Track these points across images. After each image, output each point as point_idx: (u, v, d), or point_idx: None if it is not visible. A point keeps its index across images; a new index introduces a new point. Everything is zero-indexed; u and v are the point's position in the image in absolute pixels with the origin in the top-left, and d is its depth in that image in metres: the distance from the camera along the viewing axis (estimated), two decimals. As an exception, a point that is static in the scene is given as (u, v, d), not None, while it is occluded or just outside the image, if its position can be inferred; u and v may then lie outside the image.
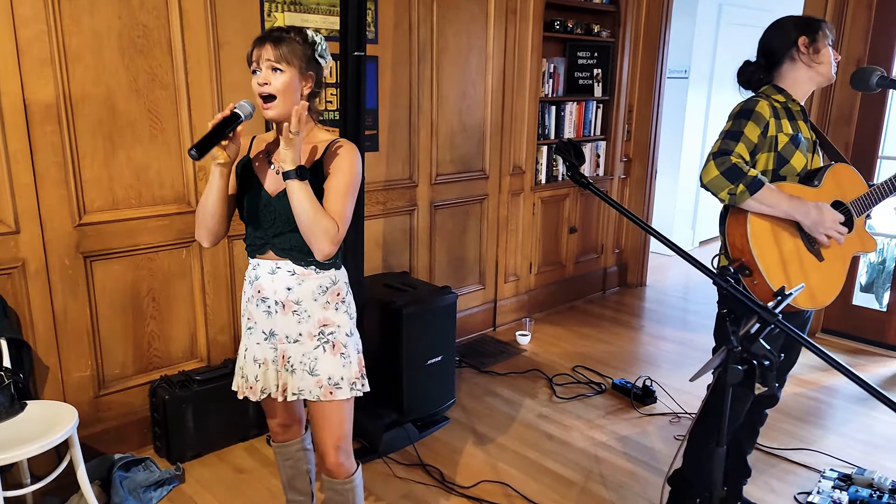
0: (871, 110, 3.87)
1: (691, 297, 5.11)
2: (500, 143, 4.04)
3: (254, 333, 1.86)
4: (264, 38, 1.66)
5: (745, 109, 1.96)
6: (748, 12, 6.32)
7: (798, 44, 1.98)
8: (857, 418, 3.22)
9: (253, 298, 1.83)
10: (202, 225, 1.76)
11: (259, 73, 1.66)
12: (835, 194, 2.00)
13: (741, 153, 1.91)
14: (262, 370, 1.86)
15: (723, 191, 1.88)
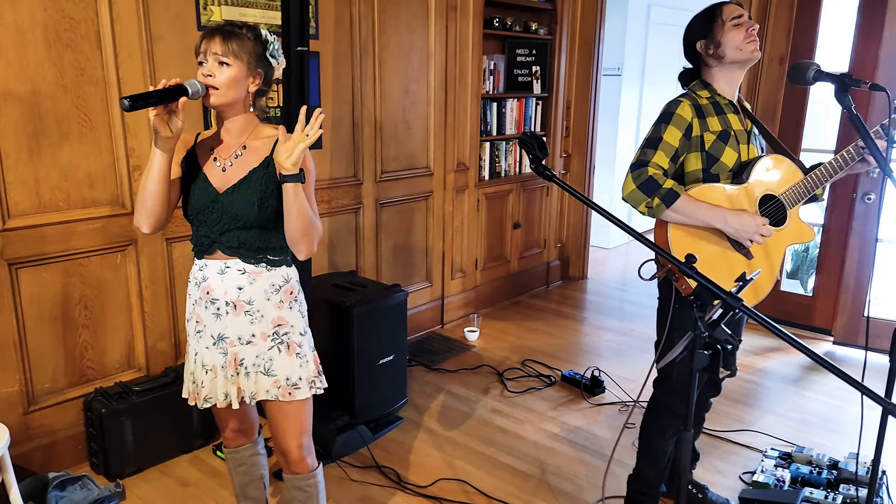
0: (794, 105, 4.07)
1: (629, 288, 5.25)
2: (443, 139, 4.03)
3: (202, 337, 1.79)
4: (215, 31, 1.63)
5: (666, 112, 2.00)
6: (674, 12, 6.55)
7: (698, 49, 2.03)
8: (791, 398, 3.38)
9: (201, 301, 1.76)
10: (142, 207, 1.67)
11: (205, 65, 1.63)
12: (766, 187, 2.03)
13: (659, 162, 1.94)
14: (210, 377, 1.79)
15: (640, 204, 1.92)
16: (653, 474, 2.28)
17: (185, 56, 2.75)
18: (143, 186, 1.65)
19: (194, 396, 1.83)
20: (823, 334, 4.19)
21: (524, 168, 4.76)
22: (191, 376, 1.84)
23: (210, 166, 1.74)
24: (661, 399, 2.22)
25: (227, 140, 1.74)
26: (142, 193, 1.65)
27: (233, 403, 1.78)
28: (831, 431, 3.06)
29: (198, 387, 1.81)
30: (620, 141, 6.34)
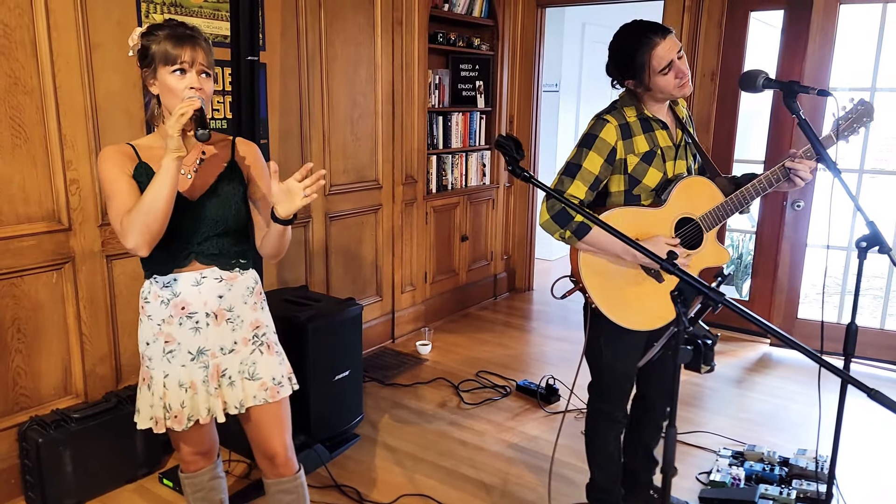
0: (726, 119, 4.27)
1: (573, 298, 5.30)
2: (391, 152, 4.01)
3: (176, 356, 1.70)
4: (191, 38, 1.58)
5: (590, 135, 1.95)
6: (608, 31, 6.75)
7: (626, 85, 1.98)
8: (737, 399, 3.50)
9: (173, 318, 1.68)
10: (148, 231, 1.53)
11: (188, 75, 1.57)
12: (684, 209, 2.00)
13: (574, 192, 1.93)
14: (190, 395, 1.71)
15: (555, 233, 1.94)
16: (604, 478, 2.30)
17: (126, 65, 2.64)
18: (151, 208, 1.52)
19: (163, 423, 1.72)
20: (760, 337, 4.37)
21: (470, 181, 4.79)
22: (160, 401, 1.72)
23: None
24: (595, 404, 2.25)
25: (187, 146, 1.66)
26: (148, 216, 1.52)
27: (218, 417, 1.73)
28: (776, 429, 3.17)
29: (169, 410, 1.71)
30: (560, 155, 6.48)
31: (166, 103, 1.60)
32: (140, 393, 1.77)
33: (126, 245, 1.55)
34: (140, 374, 1.78)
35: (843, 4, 3.75)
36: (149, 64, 1.59)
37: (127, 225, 1.54)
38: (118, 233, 1.58)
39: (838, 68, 3.85)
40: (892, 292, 4.13)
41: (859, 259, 1.86)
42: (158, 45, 1.56)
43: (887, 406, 1.09)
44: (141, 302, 1.74)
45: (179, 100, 1.54)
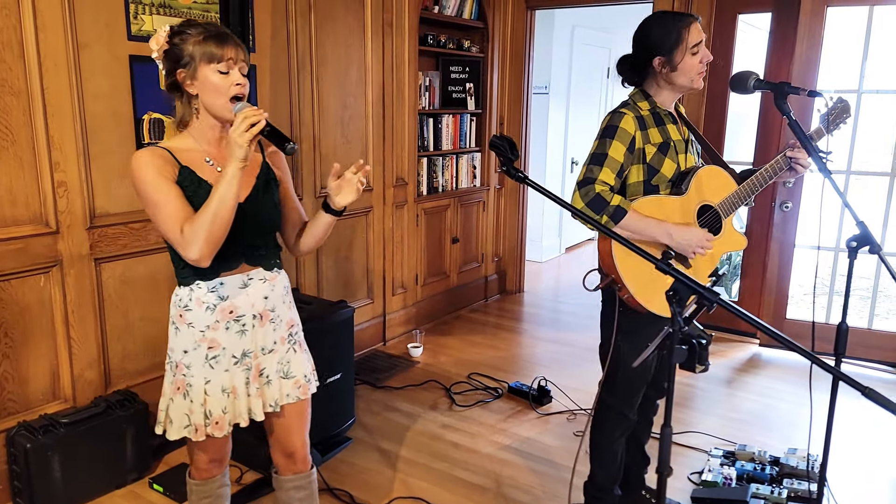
0: (714, 120, 4.29)
1: (562, 299, 5.36)
2: (382, 154, 4.00)
3: (220, 361, 1.69)
4: (232, 37, 1.58)
5: (610, 126, 1.99)
6: (597, 33, 6.82)
7: (654, 64, 2.01)
8: (727, 399, 3.51)
9: (219, 323, 1.67)
10: (215, 239, 1.52)
11: (232, 74, 1.57)
12: (703, 198, 2.07)
13: (605, 179, 1.95)
14: (231, 400, 1.71)
15: (588, 222, 1.94)
16: (605, 477, 2.30)
17: (114, 66, 2.62)
18: (217, 217, 1.50)
19: (203, 430, 1.70)
20: (749, 337, 4.40)
21: (461, 183, 4.79)
22: (200, 408, 1.70)
23: (216, 178, 1.61)
24: (607, 400, 2.25)
25: (219, 148, 1.66)
26: (214, 225, 1.50)
27: (257, 416, 1.75)
28: (767, 428, 3.19)
29: (209, 417, 1.70)
30: (550, 156, 6.50)
31: (208, 102, 1.58)
32: (172, 402, 1.72)
33: (188, 255, 1.52)
34: (170, 383, 1.73)
35: (830, 6, 3.79)
36: (186, 64, 1.56)
37: (190, 235, 1.50)
38: (176, 243, 1.53)
39: (825, 70, 3.89)
40: (879, 293, 4.17)
41: (850, 259, 1.88)
42: (199, 45, 1.54)
43: (881, 404, 1.10)
44: (177, 311, 1.69)
45: (224, 98, 1.55)
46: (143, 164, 1.55)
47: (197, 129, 1.64)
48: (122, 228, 2.72)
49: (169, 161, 1.59)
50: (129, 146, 2.72)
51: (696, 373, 1.27)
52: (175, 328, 1.70)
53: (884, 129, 4.11)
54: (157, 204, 1.54)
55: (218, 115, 1.60)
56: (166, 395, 1.75)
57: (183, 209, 1.54)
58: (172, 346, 1.72)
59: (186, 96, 1.61)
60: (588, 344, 4.28)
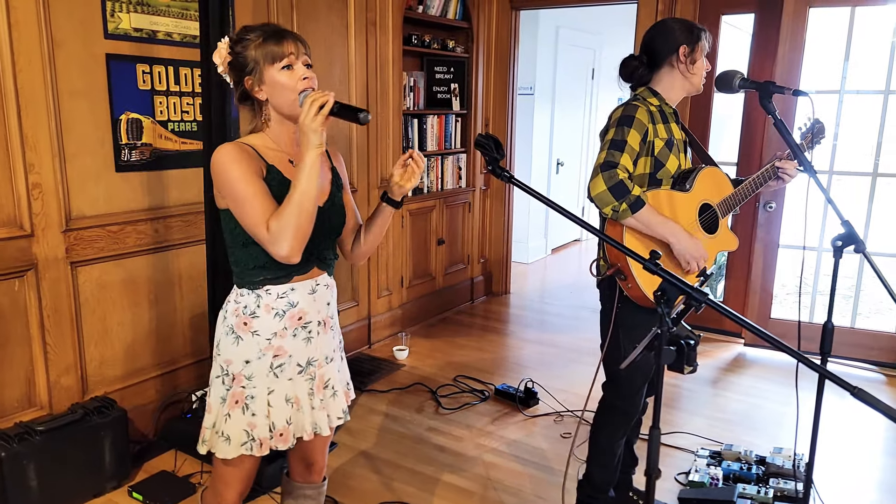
0: (698, 122, 4.30)
1: (549, 301, 5.35)
2: (366, 155, 3.96)
3: (284, 370, 1.63)
4: (287, 33, 1.54)
5: (627, 116, 2.00)
6: (580, 34, 6.82)
7: (679, 52, 2.05)
8: (713, 399, 3.51)
9: (287, 330, 1.61)
10: (303, 233, 1.46)
11: (297, 68, 1.53)
12: (704, 197, 2.12)
13: (626, 165, 1.95)
14: (294, 410, 1.65)
15: (607, 206, 1.92)
16: (602, 478, 2.28)
17: (90, 64, 2.56)
18: (303, 209, 1.44)
19: (268, 444, 1.62)
20: (735, 337, 4.41)
21: (447, 184, 4.77)
22: (265, 421, 1.61)
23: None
24: (611, 401, 2.23)
25: (298, 150, 1.58)
26: (301, 217, 1.45)
27: (322, 430, 1.69)
28: (752, 428, 3.19)
29: (273, 430, 1.62)
30: (535, 157, 6.50)
31: (279, 102, 1.53)
32: (229, 419, 1.61)
33: (278, 252, 1.46)
34: (221, 398, 1.63)
35: (812, 7, 3.81)
36: (251, 70, 1.52)
37: (277, 230, 1.44)
38: (263, 240, 1.47)
39: (808, 71, 3.91)
40: (861, 292, 4.20)
41: (835, 258, 1.87)
42: (259, 48, 1.51)
43: (870, 404, 1.08)
44: (241, 318, 1.59)
45: (294, 94, 1.50)
46: (231, 158, 1.49)
47: (273, 132, 1.59)
48: (98, 231, 2.66)
49: (255, 157, 1.53)
50: (107, 147, 2.66)
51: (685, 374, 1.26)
52: (236, 337, 1.60)
53: (865, 129, 4.14)
54: (244, 200, 1.47)
55: (292, 115, 1.54)
56: (215, 412, 1.64)
57: (271, 205, 1.48)
58: (230, 358, 1.61)
59: (257, 104, 1.58)
60: (575, 345, 4.26)
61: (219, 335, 1.64)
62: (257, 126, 1.60)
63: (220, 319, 1.65)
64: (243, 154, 1.50)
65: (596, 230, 1.30)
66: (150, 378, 2.93)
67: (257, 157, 1.53)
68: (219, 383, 1.63)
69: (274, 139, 1.59)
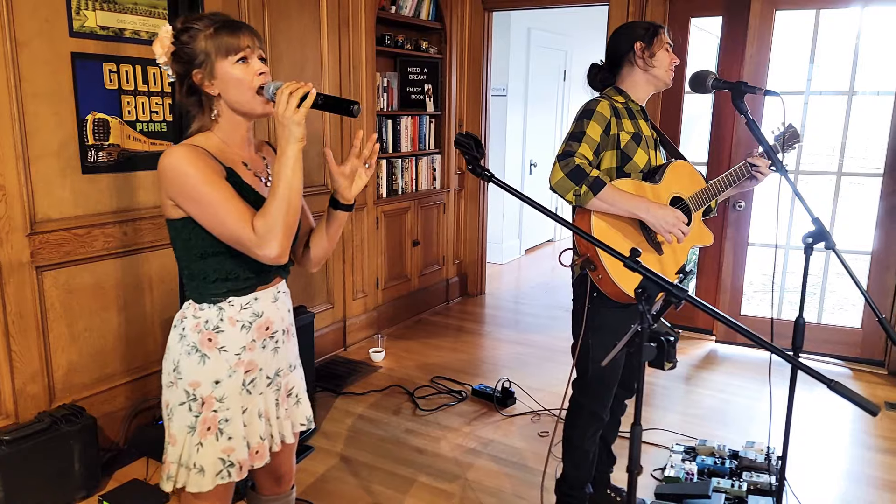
0: (670, 122, 4.36)
1: (523, 301, 5.37)
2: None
3: (256, 384, 1.55)
4: (241, 24, 1.43)
5: (587, 110, 2.04)
6: (552, 36, 6.87)
7: (634, 48, 2.09)
8: (686, 396, 3.56)
9: (256, 342, 1.52)
10: (291, 231, 1.38)
11: (253, 62, 1.42)
12: (674, 190, 2.14)
13: (584, 153, 1.98)
14: (265, 425, 1.59)
15: (568, 192, 1.94)
16: (576, 476, 2.29)
17: (55, 63, 2.50)
18: (290, 206, 1.36)
19: (247, 465, 1.54)
20: (706, 334, 4.47)
21: (421, 185, 4.76)
22: (243, 442, 1.52)
23: (256, 183, 1.50)
24: (579, 398, 2.24)
25: (251, 152, 1.54)
26: (289, 215, 1.36)
27: (287, 439, 1.64)
28: (725, 423, 3.24)
29: (250, 450, 1.54)
30: (509, 158, 6.52)
31: (233, 98, 1.42)
32: (202, 448, 1.48)
33: (267, 254, 1.36)
34: (190, 426, 1.49)
35: (778, 10, 3.89)
36: (201, 63, 1.41)
37: (265, 231, 1.35)
38: (248, 242, 1.36)
39: (775, 73, 3.99)
40: (826, 290, 4.29)
41: (805, 255, 1.91)
42: (211, 39, 1.39)
43: (846, 396, 1.10)
44: (203, 335, 1.47)
45: (250, 90, 1.40)
46: (188, 161, 1.37)
47: (223, 131, 1.48)
48: (64, 234, 2.59)
49: (211, 159, 1.42)
50: (72, 148, 2.60)
51: (665, 370, 1.28)
52: (201, 356, 1.48)
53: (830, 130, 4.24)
54: (216, 203, 1.36)
55: (247, 112, 1.44)
56: (182, 443, 1.50)
57: (246, 206, 1.38)
58: (196, 380, 1.48)
59: (206, 100, 1.46)
60: (550, 344, 4.29)
61: (176, 356, 1.50)
62: (205, 124, 1.48)
63: (176, 339, 1.51)
64: (201, 155, 1.39)
65: (577, 228, 1.30)
66: (119, 385, 2.86)
67: (213, 159, 1.42)
68: (184, 411, 1.49)
69: (225, 139, 1.48)
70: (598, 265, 1.98)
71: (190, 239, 1.44)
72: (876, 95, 4.25)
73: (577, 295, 2.19)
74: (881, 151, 3.84)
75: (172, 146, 1.41)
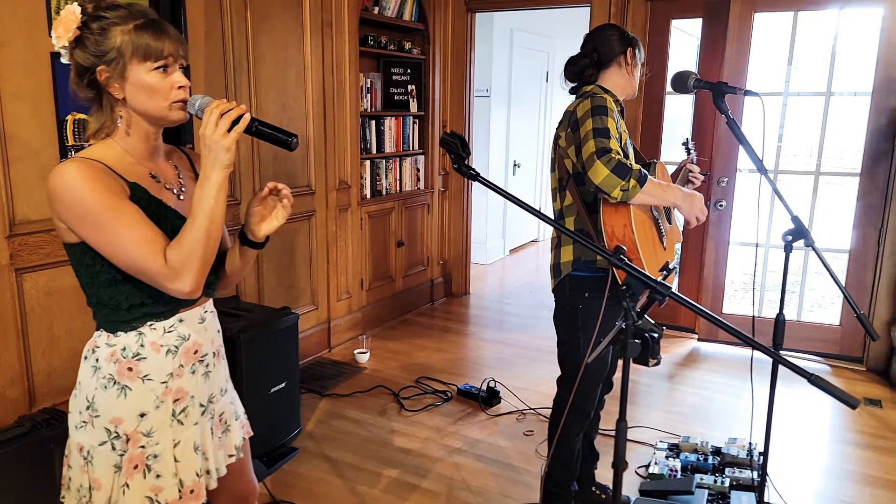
0: (652, 122, 4.40)
1: (508, 301, 5.39)
2: (324, 157, 3.92)
3: (190, 413, 1.41)
4: (166, 27, 1.27)
5: (599, 106, 1.98)
6: (535, 37, 6.91)
7: (626, 53, 2.13)
8: (669, 393, 3.60)
9: (184, 368, 1.38)
10: (208, 266, 1.26)
11: (174, 73, 1.27)
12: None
13: (616, 149, 1.94)
14: (203, 459, 1.45)
15: (615, 188, 1.86)
16: (562, 473, 2.30)
17: (34, 64, 2.46)
18: (211, 239, 1.23)
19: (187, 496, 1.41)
20: (689, 332, 4.52)
21: (405, 186, 4.76)
22: (173, 480, 1.37)
23: (168, 197, 1.36)
24: (566, 397, 2.26)
25: (160, 161, 1.39)
26: (207, 248, 1.24)
27: (220, 470, 1.49)
28: (707, 420, 3.28)
29: (183, 488, 1.40)
30: (492, 159, 6.54)
31: (145, 107, 1.27)
32: (128, 490, 1.33)
33: (180, 289, 1.23)
34: (114, 466, 1.35)
35: (757, 12, 3.94)
36: (111, 60, 1.23)
37: (180, 264, 1.21)
38: (157, 274, 1.22)
39: (754, 73, 4.04)
40: (806, 287, 4.36)
41: (785, 252, 1.94)
42: (129, 35, 1.22)
43: (826, 390, 1.12)
44: (122, 364, 1.33)
45: (167, 101, 1.26)
46: (85, 179, 1.19)
47: (127, 140, 1.31)
48: (44, 236, 2.56)
49: (111, 176, 1.25)
50: (52, 149, 2.57)
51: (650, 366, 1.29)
52: (120, 389, 1.32)
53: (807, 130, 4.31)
54: (121, 229, 1.20)
55: (157, 119, 1.29)
56: (107, 487, 1.34)
57: (157, 232, 1.24)
58: (118, 416, 1.33)
59: (108, 102, 1.28)
60: (534, 344, 4.30)
61: (90, 392, 1.34)
62: (105, 126, 1.30)
63: (88, 373, 1.35)
64: (101, 174, 1.22)
65: (563, 228, 1.31)
66: (102, 388, 2.83)
67: (113, 175, 1.25)
68: (106, 451, 1.33)
69: (128, 148, 1.31)
70: (634, 258, 1.93)
71: (94, 265, 1.29)
72: (853, 96, 4.33)
73: (562, 298, 2.19)
74: (858, 152, 3.91)
75: (64, 162, 1.23)
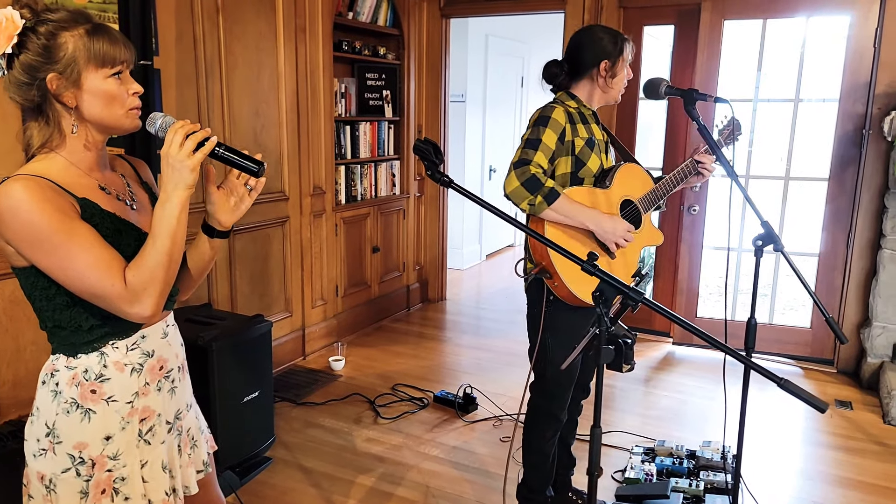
0: (625, 128, 4.44)
1: (484, 306, 5.39)
2: (298, 163, 3.89)
3: (157, 433, 1.37)
4: (116, 33, 1.22)
5: (543, 116, 2.06)
6: (510, 42, 6.94)
7: (600, 67, 2.11)
8: (644, 398, 3.62)
9: (149, 385, 1.33)
10: (168, 289, 1.22)
11: (129, 80, 1.25)
12: (624, 193, 2.18)
13: (540, 162, 2.00)
14: (171, 478, 1.41)
15: (523, 201, 1.96)
16: (537, 479, 2.30)
17: None
18: (173, 261, 1.20)
19: None
20: (664, 336, 4.56)
21: (380, 191, 4.74)
22: (142, 502, 1.33)
23: (121, 209, 1.30)
24: (538, 401, 2.26)
25: (107, 172, 1.33)
26: (169, 271, 1.20)
27: (191, 488, 1.46)
28: (682, 424, 3.31)
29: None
30: (468, 164, 6.55)
31: (100, 116, 1.22)
32: None
33: (140, 313, 1.19)
34: (79, 493, 1.28)
35: (727, 20, 4.00)
36: (64, 69, 1.17)
37: (140, 287, 1.17)
38: (115, 297, 1.17)
39: (724, 80, 4.10)
40: (777, 291, 4.42)
41: (756, 257, 1.96)
42: (82, 41, 1.17)
43: (795, 394, 1.13)
44: (84, 387, 1.26)
45: (123, 108, 1.23)
46: (31, 203, 1.12)
47: (73, 151, 1.25)
48: (10, 244, 2.49)
49: (59, 193, 1.18)
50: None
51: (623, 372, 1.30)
52: (83, 412, 1.26)
53: (777, 136, 4.39)
54: (72, 251, 1.15)
55: (110, 128, 1.25)
56: None
57: (114, 253, 1.19)
58: (82, 441, 1.27)
59: (54, 111, 1.21)
60: (510, 349, 4.31)
61: (50, 418, 1.27)
62: (51, 140, 1.23)
63: (47, 399, 1.27)
64: (46, 192, 1.15)
65: (536, 233, 1.31)
66: (69, 399, 2.76)
67: (61, 192, 1.18)
68: (70, 478, 1.27)
69: (74, 159, 1.24)
70: (553, 273, 2.00)
71: (49, 287, 1.22)
72: (821, 102, 4.41)
73: (531, 300, 2.21)
74: (827, 157, 3.98)
75: (7, 181, 1.14)
